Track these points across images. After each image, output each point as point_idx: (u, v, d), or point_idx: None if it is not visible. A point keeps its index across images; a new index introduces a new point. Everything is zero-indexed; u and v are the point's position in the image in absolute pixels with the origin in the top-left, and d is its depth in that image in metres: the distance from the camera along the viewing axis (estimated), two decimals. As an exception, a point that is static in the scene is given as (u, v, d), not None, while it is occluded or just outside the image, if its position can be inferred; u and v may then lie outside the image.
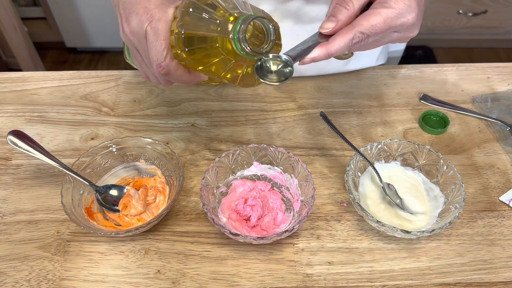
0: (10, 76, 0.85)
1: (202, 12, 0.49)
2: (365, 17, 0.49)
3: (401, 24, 0.50)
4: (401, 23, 0.50)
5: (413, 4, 0.50)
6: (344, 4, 0.50)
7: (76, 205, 0.61)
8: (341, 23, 0.50)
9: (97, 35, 2.17)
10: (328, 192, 0.67)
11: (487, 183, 0.68)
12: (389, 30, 0.50)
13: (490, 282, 0.57)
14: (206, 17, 0.48)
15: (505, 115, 0.77)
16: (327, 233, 0.62)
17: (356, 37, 0.49)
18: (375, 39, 0.51)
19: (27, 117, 0.78)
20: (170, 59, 0.51)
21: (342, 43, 0.49)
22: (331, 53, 0.50)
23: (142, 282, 0.57)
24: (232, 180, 0.66)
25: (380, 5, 0.50)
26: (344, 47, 0.49)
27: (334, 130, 0.67)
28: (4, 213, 0.64)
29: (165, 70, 0.52)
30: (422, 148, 0.66)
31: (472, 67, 0.87)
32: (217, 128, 0.76)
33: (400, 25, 0.50)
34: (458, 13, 2.12)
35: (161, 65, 0.51)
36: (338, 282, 0.57)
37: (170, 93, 0.82)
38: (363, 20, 0.49)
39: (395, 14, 0.49)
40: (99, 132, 0.75)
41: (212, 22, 0.48)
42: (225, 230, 0.56)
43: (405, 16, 0.50)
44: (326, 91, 0.82)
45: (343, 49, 0.50)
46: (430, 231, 0.56)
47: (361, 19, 0.50)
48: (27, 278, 0.58)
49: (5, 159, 0.71)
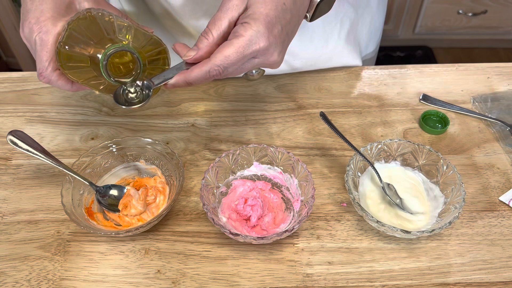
0: (10, 76, 0.85)
1: (81, 34, 0.53)
2: (220, 49, 0.52)
3: (254, 51, 0.51)
4: (253, 50, 0.51)
5: (262, 30, 0.51)
6: (205, 35, 0.53)
7: (76, 205, 0.61)
8: (202, 52, 0.53)
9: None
10: (328, 192, 0.67)
11: (487, 183, 0.68)
12: (244, 59, 0.52)
13: (490, 282, 0.57)
14: (83, 39, 0.53)
15: (505, 115, 0.77)
16: (327, 233, 0.62)
17: (212, 70, 0.52)
18: (235, 68, 0.52)
19: (27, 117, 0.78)
20: (52, 70, 0.55)
21: (199, 74, 0.52)
22: (189, 81, 0.53)
23: (142, 282, 0.57)
24: (232, 180, 0.66)
25: (233, 35, 0.52)
26: (201, 78, 0.52)
27: (334, 130, 0.67)
28: (4, 213, 0.64)
29: (45, 79, 0.56)
30: (422, 148, 0.66)
31: (472, 67, 0.87)
32: (217, 128, 0.76)
33: (254, 51, 0.51)
34: (458, 13, 2.12)
35: (42, 74, 0.55)
36: (338, 282, 0.57)
37: (170, 93, 0.82)
38: (218, 52, 0.51)
39: (245, 42, 0.51)
40: (99, 132, 0.75)
41: (88, 45, 0.53)
42: (225, 230, 0.56)
43: (256, 42, 0.51)
44: (326, 91, 0.82)
45: (201, 80, 0.53)
46: (430, 231, 0.56)
47: (217, 51, 0.52)
48: (27, 278, 0.58)
49: (5, 159, 0.71)
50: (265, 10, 0.51)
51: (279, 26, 0.52)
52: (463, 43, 2.31)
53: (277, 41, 0.52)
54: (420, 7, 2.11)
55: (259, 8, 0.51)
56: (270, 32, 0.51)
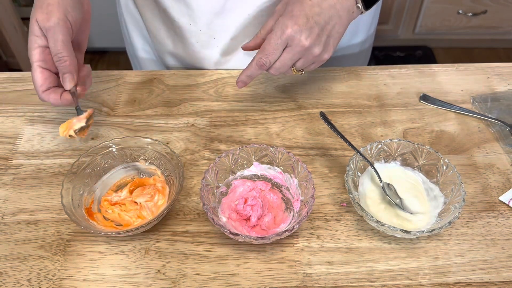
0: (10, 76, 0.85)
1: None
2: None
3: (284, 39, 0.64)
4: (283, 38, 0.64)
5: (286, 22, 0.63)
6: (257, 32, 0.69)
7: (76, 205, 0.61)
8: (251, 43, 0.70)
9: (97, 35, 2.17)
10: (328, 192, 0.67)
11: (487, 183, 0.68)
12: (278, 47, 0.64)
13: (490, 282, 0.57)
14: None
15: (505, 115, 0.77)
16: (327, 233, 0.62)
17: (257, 60, 0.66)
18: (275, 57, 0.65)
19: (27, 117, 0.78)
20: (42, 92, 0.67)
21: (251, 66, 0.67)
22: (247, 75, 0.69)
23: (142, 282, 0.58)
24: (232, 180, 0.66)
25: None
26: (253, 69, 0.67)
27: (334, 130, 0.67)
28: (4, 213, 0.64)
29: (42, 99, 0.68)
30: (422, 148, 0.66)
31: (472, 67, 0.87)
32: (217, 128, 0.76)
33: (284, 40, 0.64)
34: (458, 13, 2.12)
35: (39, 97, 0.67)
36: (338, 282, 0.57)
37: (170, 93, 0.82)
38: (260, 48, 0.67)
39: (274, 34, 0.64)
40: (99, 132, 0.75)
41: None
42: (225, 230, 0.57)
43: (283, 32, 0.63)
44: (326, 91, 0.82)
45: (253, 71, 0.68)
46: (430, 231, 0.56)
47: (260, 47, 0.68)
48: (27, 278, 0.58)
49: (5, 159, 0.71)
50: (291, 8, 0.64)
51: (304, 18, 0.63)
52: (463, 43, 2.31)
53: (302, 28, 0.63)
54: (420, 7, 2.11)
55: (288, 8, 0.65)
56: (294, 23, 0.63)
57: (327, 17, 0.64)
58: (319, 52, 0.65)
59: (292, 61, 0.66)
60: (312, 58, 0.66)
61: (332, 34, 0.65)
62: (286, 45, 0.64)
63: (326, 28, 0.64)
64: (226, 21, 0.80)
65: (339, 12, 0.64)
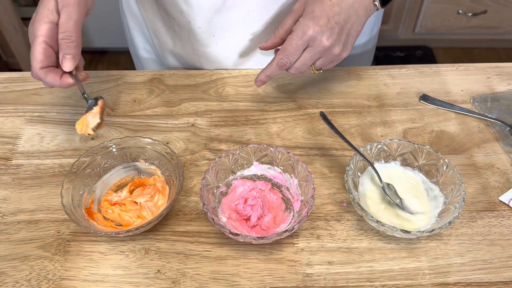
0: (10, 76, 0.85)
1: None
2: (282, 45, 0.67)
3: (305, 40, 0.64)
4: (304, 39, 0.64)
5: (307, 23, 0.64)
6: (275, 31, 0.69)
7: (76, 205, 0.61)
8: (269, 42, 0.70)
9: (97, 35, 2.17)
10: (328, 192, 0.67)
11: (487, 183, 0.68)
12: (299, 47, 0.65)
13: (490, 282, 0.58)
14: None
15: (505, 115, 0.77)
16: (327, 233, 0.62)
17: (278, 61, 0.67)
18: (295, 57, 0.66)
19: (27, 117, 0.78)
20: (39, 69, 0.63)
21: (271, 66, 0.69)
22: (266, 74, 0.70)
23: (142, 282, 0.58)
24: (232, 180, 0.66)
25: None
26: (273, 69, 0.68)
27: (334, 130, 0.67)
28: (4, 213, 0.64)
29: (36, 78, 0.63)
30: (422, 148, 0.66)
31: (472, 67, 0.87)
32: (217, 128, 0.76)
33: (305, 40, 0.64)
34: (458, 13, 2.12)
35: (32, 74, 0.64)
36: (338, 282, 0.57)
37: (170, 93, 0.82)
38: (280, 48, 0.67)
39: (295, 34, 0.64)
40: (99, 132, 0.75)
41: None
42: (225, 230, 0.57)
43: (305, 33, 0.64)
44: (326, 91, 0.82)
45: (273, 71, 0.69)
46: (430, 231, 0.56)
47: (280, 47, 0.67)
48: (27, 278, 0.58)
49: (5, 159, 0.71)
50: (311, 9, 0.64)
51: (325, 18, 0.63)
52: (463, 43, 2.31)
53: (324, 29, 0.63)
54: (420, 7, 2.11)
55: (308, 8, 0.65)
56: (316, 23, 0.63)
57: (347, 16, 0.64)
58: (339, 51, 0.66)
59: (312, 60, 0.67)
60: (331, 57, 0.67)
61: (351, 33, 0.66)
62: (307, 45, 0.65)
63: (346, 27, 0.65)
64: (226, 18, 0.79)
65: (357, 11, 0.65)
